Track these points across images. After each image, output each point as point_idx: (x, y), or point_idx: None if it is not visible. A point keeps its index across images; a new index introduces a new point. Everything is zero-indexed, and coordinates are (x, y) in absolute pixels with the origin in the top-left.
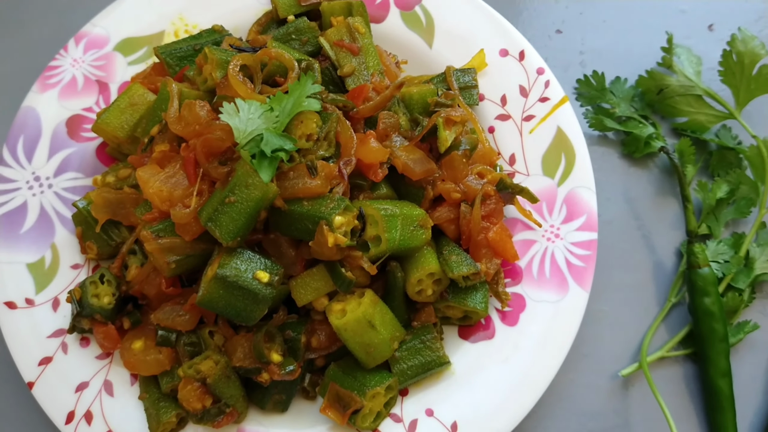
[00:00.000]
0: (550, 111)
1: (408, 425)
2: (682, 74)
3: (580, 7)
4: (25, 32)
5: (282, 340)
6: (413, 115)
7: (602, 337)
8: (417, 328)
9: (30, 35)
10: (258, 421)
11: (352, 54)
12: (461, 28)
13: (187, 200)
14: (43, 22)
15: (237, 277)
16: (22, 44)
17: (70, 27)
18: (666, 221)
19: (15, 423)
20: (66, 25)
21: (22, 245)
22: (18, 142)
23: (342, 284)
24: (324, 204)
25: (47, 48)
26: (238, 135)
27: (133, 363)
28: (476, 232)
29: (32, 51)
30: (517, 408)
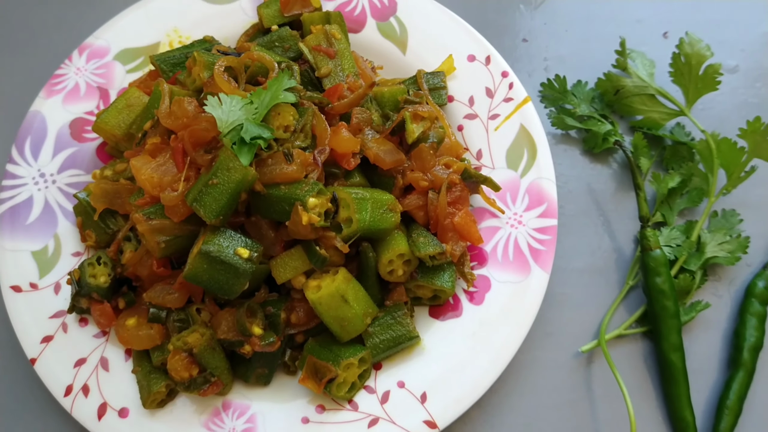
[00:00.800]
0: (514, 110)
1: (381, 396)
2: (636, 76)
3: (544, 18)
4: (33, 46)
5: (263, 316)
6: (384, 111)
7: (565, 317)
8: (389, 306)
9: (38, 48)
10: (242, 393)
11: (329, 57)
12: (432, 36)
13: (176, 185)
14: (50, 36)
15: (219, 252)
16: (31, 56)
17: (74, 40)
18: (624, 212)
19: (19, 397)
20: (70, 38)
21: (28, 235)
22: (25, 142)
23: (317, 261)
24: (299, 188)
25: (53, 59)
26: (221, 125)
27: (127, 338)
28: (443, 217)
29: (40, 62)
30: (482, 378)
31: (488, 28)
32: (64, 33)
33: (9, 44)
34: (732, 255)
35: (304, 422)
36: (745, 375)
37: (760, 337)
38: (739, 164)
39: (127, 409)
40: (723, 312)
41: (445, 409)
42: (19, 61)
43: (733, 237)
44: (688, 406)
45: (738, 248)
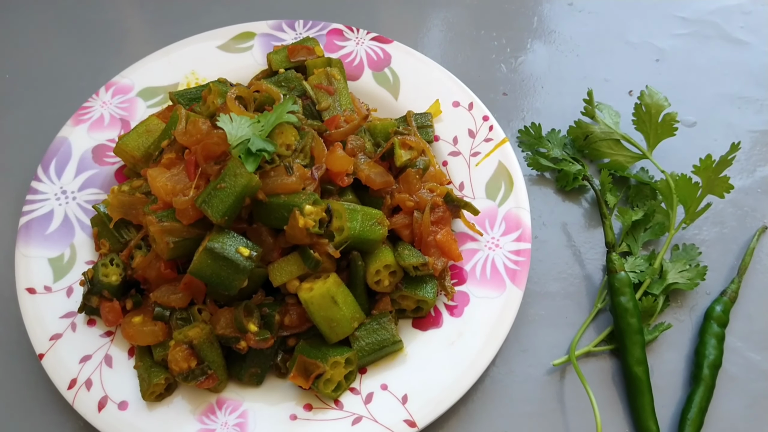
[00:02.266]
0: (493, 149)
1: (365, 397)
2: (603, 123)
3: (522, 76)
4: (65, 84)
5: (259, 315)
6: (376, 140)
7: (539, 336)
8: (375, 314)
9: (69, 87)
10: (235, 392)
11: (328, 94)
12: (422, 84)
13: (187, 191)
14: (78, 76)
15: (222, 249)
16: (62, 93)
17: (100, 81)
18: (594, 243)
19: (24, 392)
20: (97, 79)
21: (46, 244)
22: (51, 163)
23: (311, 264)
24: (298, 197)
25: (80, 96)
26: (231, 138)
27: (132, 333)
28: (426, 234)
29: (69, 99)
30: (460, 382)
31: (472, 82)
32: (92, 74)
33: (41, 81)
34: (691, 281)
35: (292, 419)
36: (705, 390)
37: (719, 355)
38: (695, 199)
39: (126, 402)
40: (684, 335)
41: (424, 409)
42: (51, 98)
43: (692, 266)
44: (652, 416)
45: (697, 275)
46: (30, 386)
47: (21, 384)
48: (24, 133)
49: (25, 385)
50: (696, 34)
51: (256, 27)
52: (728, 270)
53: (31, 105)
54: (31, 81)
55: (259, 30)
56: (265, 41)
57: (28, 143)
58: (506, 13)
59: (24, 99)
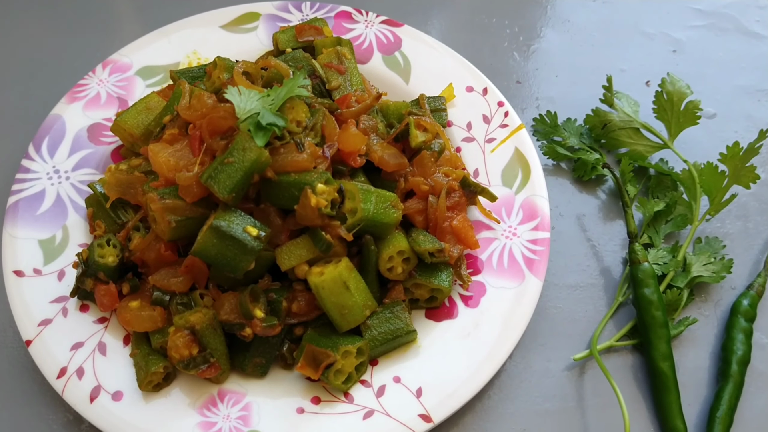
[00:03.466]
0: (509, 135)
1: (377, 390)
2: (622, 111)
3: (535, 64)
4: (58, 64)
5: (265, 301)
6: (389, 121)
7: (557, 330)
8: (387, 304)
9: (62, 66)
10: (238, 383)
11: (339, 73)
12: (434, 69)
13: (191, 167)
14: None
15: (230, 228)
16: (55, 73)
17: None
18: (612, 234)
19: (10, 380)
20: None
21: (37, 224)
22: (43, 141)
23: (322, 246)
24: (309, 176)
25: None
26: (239, 111)
27: (129, 319)
28: (441, 220)
29: (62, 78)
30: (477, 376)
31: (485, 70)
32: (87, 54)
33: (32, 60)
34: (717, 275)
35: (299, 412)
36: (734, 387)
37: (747, 351)
38: (721, 189)
39: (121, 392)
40: (709, 330)
41: (440, 404)
42: (42, 74)
43: (717, 259)
44: (679, 414)
45: (722, 269)
46: (14, 375)
47: (4, 373)
48: (14, 112)
49: (9, 375)
50: (712, 26)
51: (261, 7)
52: (752, 264)
53: (22, 84)
54: (21, 60)
55: (264, 11)
56: (270, 22)
57: (18, 122)
58: (519, 1)
59: (14, 78)
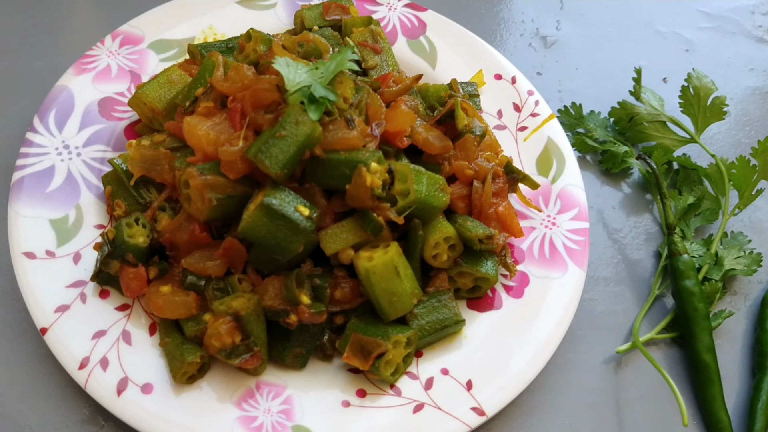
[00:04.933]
0: (542, 123)
1: (425, 382)
2: (649, 104)
3: (555, 56)
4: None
5: (310, 286)
6: (430, 103)
7: (595, 322)
8: (432, 292)
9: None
10: (276, 375)
11: (374, 53)
12: (461, 55)
13: (234, 142)
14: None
15: (281, 206)
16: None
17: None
18: (641, 227)
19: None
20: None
21: (47, 203)
22: (50, 114)
23: (373, 228)
24: (360, 153)
25: (81, 45)
26: (288, 83)
27: (161, 305)
28: (487, 206)
29: (66, 48)
30: (528, 368)
31: None
32: (93, 24)
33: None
34: (748, 268)
35: (345, 405)
36: None
37: None
38: (750, 183)
39: (150, 384)
40: (740, 323)
41: (491, 396)
42: (43, 44)
43: (747, 253)
44: (723, 407)
45: (753, 262)
46: (23, 367)
47: (11, 365)
48: (16, 82)
49: (17, 366)
50: (719, 29)
51: None
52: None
53: (22, 53)
54: (21, 26)
55: None
56: (289, 0)
57: (16, 93)
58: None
59: (13, 47)
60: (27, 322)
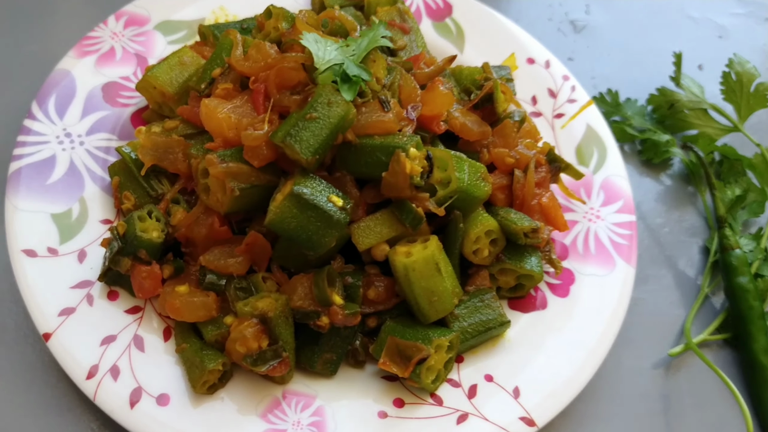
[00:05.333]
0: (580, 110)
1: (467, 390)
2: (690, 91)
3: (586, 41)
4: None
5: (342, 285)
6: (464, 86)
7: (643, 323)
8: (473, 291)
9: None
10: (304, 383)
11: (403, 32)
12: (490, 38)
13: (258, 125)
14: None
15: (313, 196)
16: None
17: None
18: (685, 223)
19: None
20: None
21: (48, 196)
22: (49, 99)
23: (412, 220)
24: (397, 138)
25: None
26: (318, 61)
27: (178, 306)
28: (530, 196)
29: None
30: (579, 374)
31: None
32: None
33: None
34: None
35: (382, 417)
36: None
37: None
38: None
39: (167, 395)
40: None
41: (541, 404)
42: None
43: None
44: None
45: None
46: (23, 376)
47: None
48: (7, 67)
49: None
50: (752, 14)
51: None
52: None
53: (14, 36)
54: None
55: None
56: None
57: (13, 79)
58: None
59: (2, 30)
60: (27, 326)
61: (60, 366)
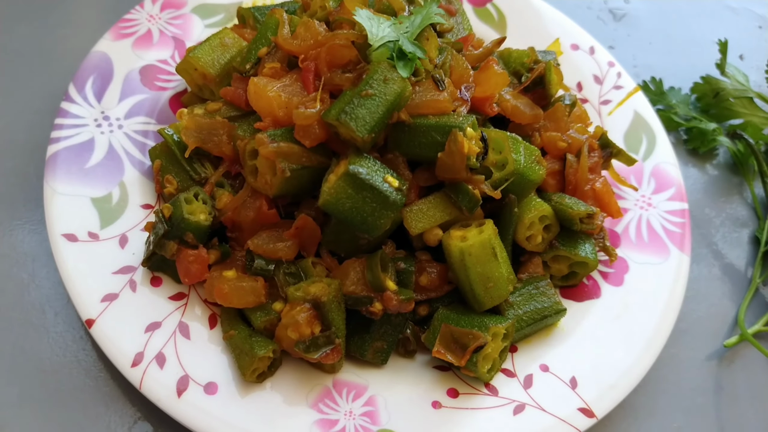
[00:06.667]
0: (627, 96)
1: (523, 380)
2: (735, 80)
3: (627, 30)
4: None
5: (394, 271)
6: (514, 68)
7: (696, 313)
8: (526, 279)
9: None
10: (355, 373)
11: (449, 15)
12: (533, 23)
13: (310, 104)
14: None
15: (369, 175)
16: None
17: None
18: (733, 213)
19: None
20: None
21: (87, 179)
22: (87, 81)
23: (468, 202)
24: (452, 118)
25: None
26: (372, 38)
27: (226, 292)
28: (583, 182)
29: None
30: (637, 364)
31: None
32: None
33: None
34: None
35: (436, 407)
36: None
37: None
38: None
39: (215, 384)
40: None
41: (600, 396)
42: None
43: None
44: None
45: None
46: (63, 365)
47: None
48: (41, 50)
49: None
50: None
51: None
52: None
53: (46, 19)
54: None
55: None
56: None
57: (47, 64)
58: None
59: (35, 13)
60: (67, 312)
61: (102, 354)
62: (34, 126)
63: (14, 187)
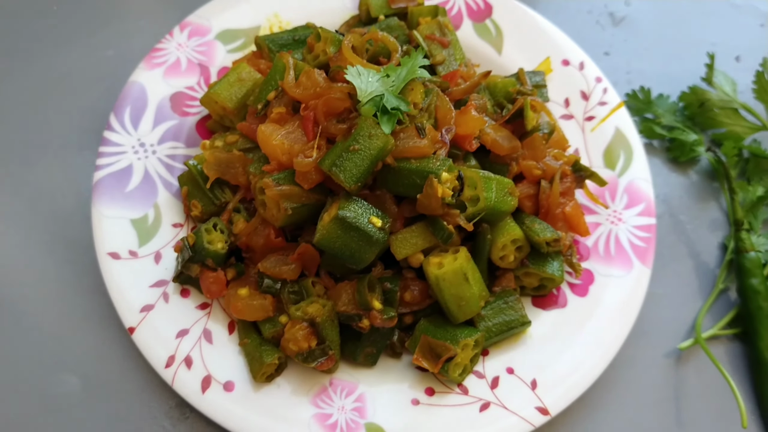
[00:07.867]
0: (610, 113)
1: (490, 381)
2: (722, 90)
3: (624, 35)
4: (123, 21)
5: (381, 291)
6: (497, 99)
7: (657, 317)
8: (499, 292)
9: (129, 24)
10: (349, 373)
11: (442, 46)
12: (528, 39)
13: (308, 152)
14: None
15: (355, 219)
16: (121, 31)
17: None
18: (708, 219)
19: (113, 370)
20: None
21: (127, 203)
22: (125, 111)
23: (443, 236)
24: (430, 162)
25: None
26: (361, 94)
27: (241, 308)
28: (555, 206)
29: (129, 37)
30: (593, 368)
31: None
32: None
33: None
34: None
35: (415, 404)
36: None
37: None
38: None
39: (232, 382)
40: None
41: (556, 396)
42: (105, 33)
43: None
44: None
45: None
46: (119, 364)
47: (109, 361)
48: (87, 73)
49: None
50: None
51: None
52: None
53: (85, 42)
54: (83, 14)
55: None
56: None
57: (94, 85)
58: None
59: (77, 35)
60: (109, 319)
61: (140, 355)
62: (83, 145)
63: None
